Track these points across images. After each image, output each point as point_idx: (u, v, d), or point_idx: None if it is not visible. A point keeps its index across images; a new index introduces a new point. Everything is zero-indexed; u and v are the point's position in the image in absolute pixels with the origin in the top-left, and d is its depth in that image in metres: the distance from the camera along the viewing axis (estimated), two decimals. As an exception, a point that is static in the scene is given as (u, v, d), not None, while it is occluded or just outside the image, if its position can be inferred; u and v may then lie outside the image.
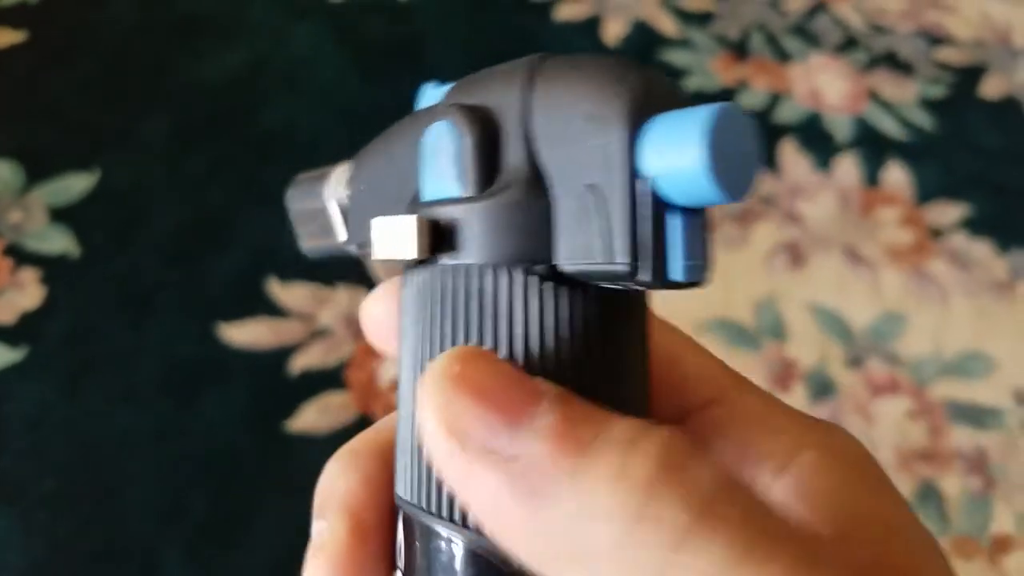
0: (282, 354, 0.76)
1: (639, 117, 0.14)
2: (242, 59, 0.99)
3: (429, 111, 0.17)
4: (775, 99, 1.05)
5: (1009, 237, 0.94)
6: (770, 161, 0.98)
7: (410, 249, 0.15)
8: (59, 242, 0.82)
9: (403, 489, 0.17)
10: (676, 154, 0.13)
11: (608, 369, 0.15)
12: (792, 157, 0.99)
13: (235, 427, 0.73)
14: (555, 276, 0.15)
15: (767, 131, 1.02)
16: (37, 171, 0.87)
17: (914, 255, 0.91)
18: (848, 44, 1.14)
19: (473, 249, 0.15)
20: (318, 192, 0.20)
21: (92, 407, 0.73)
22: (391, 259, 0.16)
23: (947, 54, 1.15)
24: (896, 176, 0.99)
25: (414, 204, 0.17)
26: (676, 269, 0.14)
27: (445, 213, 0.15)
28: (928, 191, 0.98)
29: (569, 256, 0.14)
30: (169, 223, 0.84)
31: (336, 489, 0.18)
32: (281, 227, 0.92)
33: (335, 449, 0.81)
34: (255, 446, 0.72)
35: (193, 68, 0.98)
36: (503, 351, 0.15)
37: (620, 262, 0.14)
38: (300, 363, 0.76)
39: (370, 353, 0.78)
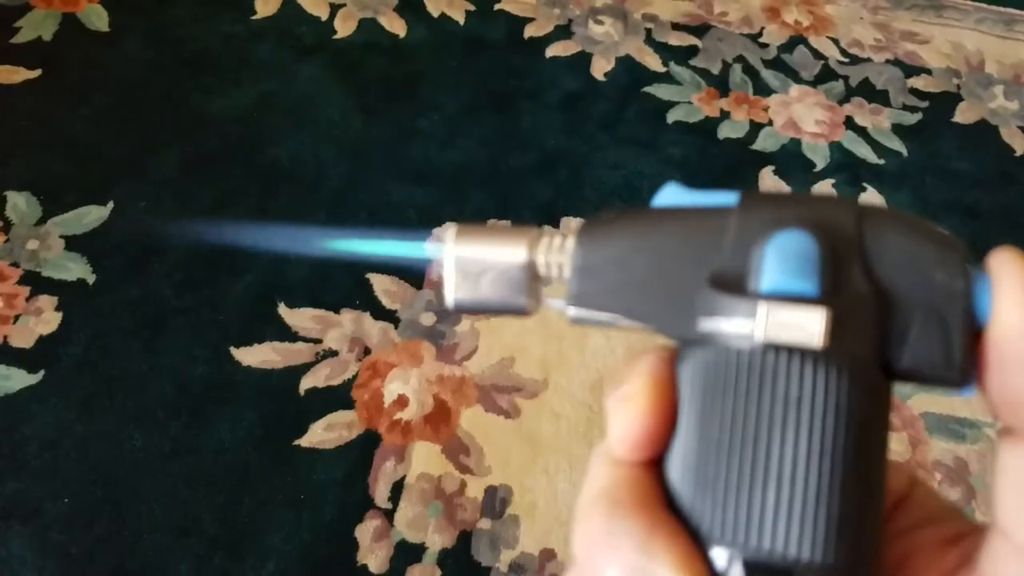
0: (290, 375, 0.80)
1: (971, 268, 0.18)
2: (250, 96, 1.03)
3: (744, 214, 0.20)
4: (755, 129, 1.10)
5: (982, 259, 0.99)
6: (751, 188, 1.02)
7: (817, 339, 0.18)
8: (75, 270, 0.85)
9: None
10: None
11: (885, 453, 0.19)
12: (772, 183, 1.04)
13: (245, 446, 0.75)
14: (885, 371, 0.18)
15: (748, 159, 1.06)
16: (52, 202, 0.90)
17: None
18: (825, 75, 1.19)
19: (826, 341, 0.18)
20: (517, 253, 0.22)
21: (106, 428, 0.76)
22: (785, 344, 0.18)
23: (921, 83, 1.20)
24: (872, 201, 1.03)
25: (748, 295, 0.19)
26: (972, 381, 0.18)
27: (798, 307, 0.18)
28: (904, 215, 1.02)
29: (903, 359, 0.18)
30: (181, 252, 0.88)
31: (642, 361, 0.20)
32: (288, 255, 0.94)
33: (342, 465, 0.84)
34: (264, 464, 0.75)
35: (203, 104, 1.02)
36: (845, 440, 0.18)
37: (954, 374, 0.18)
38: (308, 383, 0.79)
39: (374, 374, 0.81)
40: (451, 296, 0.22)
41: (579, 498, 0.20)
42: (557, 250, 0.21)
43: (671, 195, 0.21)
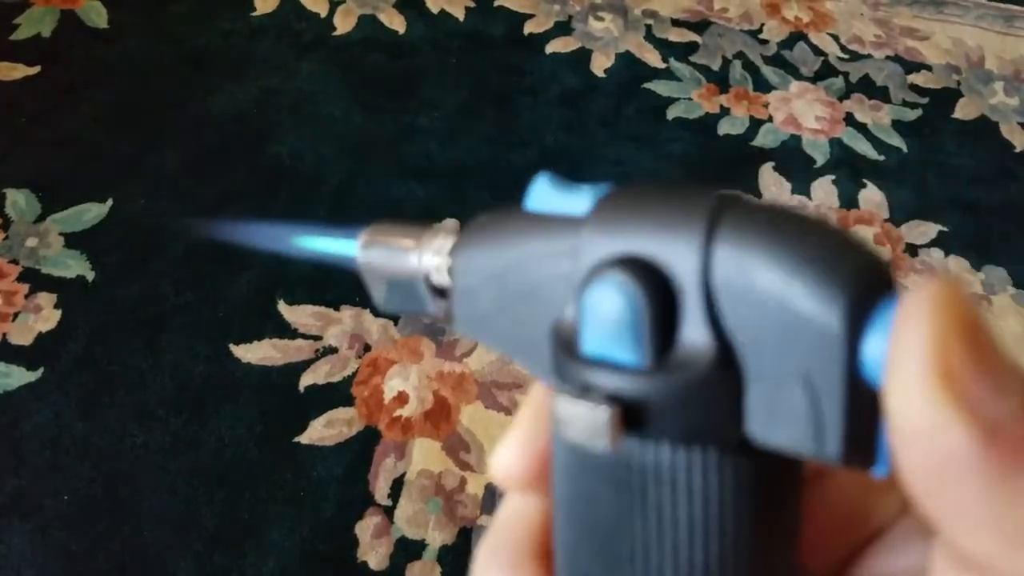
0: (290, 372, 0.80)
1: (867, 302, 0.13)
2: (250, 93, 1.03)
3: (589, 235, 0.15)
4: (755, 125, 1.10)
5: (982, 254, 0.99)
6: (751, 184, 1.03)
7: (604, 443, 0.14)
8: (74, 267, 0.85)
9: None
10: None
11: (791, 531, 0.16)
12: (772, 179, 1.04)
13: (245, 443, 0.75)
14: (745, 449, 0.14)
15: (747, 155, 1.06)
16: (52, 200, 0.90)
17: (891, 272, 0.95)
18: (825, 71, 1.19)
19: (656, 424, 0.14)
20: (406, 260, 0.19)
21: (106, 425, 0.76)
22: (579, 445, 0.15)
23: (921, 79, 1.20)
24: (872, 197, 1.03)
25: (573, 357, 0.15)
26: (881, 457, 0.13)
27: (620, 383, 0.14)
28: (904, 211, 1.02)
29: (766, 434, 0.14)
30: (181, 249, 0.88)
31: None
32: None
33: (343, 462, 0.84)
34: (264, 461, 0.75)
35: (203, 101, 1.01)
36: (698, 529, 0.14)
37: (833, 453, 0.13)
38: (308, 380, 0.79)
39: (374, 370, 0.81)
40: (375, 301, 0.20)
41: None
42: (442, 256, 0.18)
43: (540, 195, 0.17)
